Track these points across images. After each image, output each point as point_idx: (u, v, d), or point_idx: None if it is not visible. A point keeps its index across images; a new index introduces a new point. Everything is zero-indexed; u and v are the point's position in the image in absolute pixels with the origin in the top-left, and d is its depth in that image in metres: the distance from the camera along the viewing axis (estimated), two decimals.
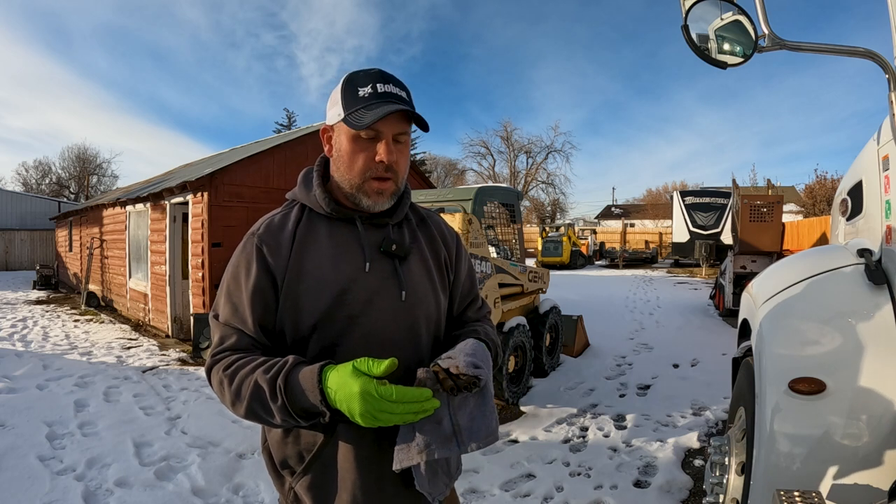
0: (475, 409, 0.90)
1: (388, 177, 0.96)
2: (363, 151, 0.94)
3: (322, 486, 0.96)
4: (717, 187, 21.14)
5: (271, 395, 0.84)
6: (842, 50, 1.38)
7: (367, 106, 0.92)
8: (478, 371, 0.89)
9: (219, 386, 0.91)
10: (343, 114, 0.94)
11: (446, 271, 1.11)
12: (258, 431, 3.45)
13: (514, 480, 2.85)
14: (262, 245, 0.95)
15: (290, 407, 0.83)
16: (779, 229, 8.15)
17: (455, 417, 0.88)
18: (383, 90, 0.92)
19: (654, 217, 34.67)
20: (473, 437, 0.89)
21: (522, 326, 4.38)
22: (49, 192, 33.80)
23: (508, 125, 41.49)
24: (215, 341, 0.95)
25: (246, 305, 0.93)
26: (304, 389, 0.82)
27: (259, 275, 0.93)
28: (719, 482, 1.80)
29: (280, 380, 0.84)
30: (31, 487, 2.71)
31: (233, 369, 0.89)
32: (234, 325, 0.94)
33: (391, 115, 0.92)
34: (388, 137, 0.94)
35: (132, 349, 6.18)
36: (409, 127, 0.98)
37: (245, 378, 0.87)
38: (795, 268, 1.67)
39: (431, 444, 0.87)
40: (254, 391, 0.85)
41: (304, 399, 0.82)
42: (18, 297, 11.29)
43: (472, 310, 1.17)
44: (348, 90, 0.94)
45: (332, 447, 0.95)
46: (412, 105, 0.96)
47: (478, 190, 4.77)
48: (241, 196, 6.62)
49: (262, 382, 0.85)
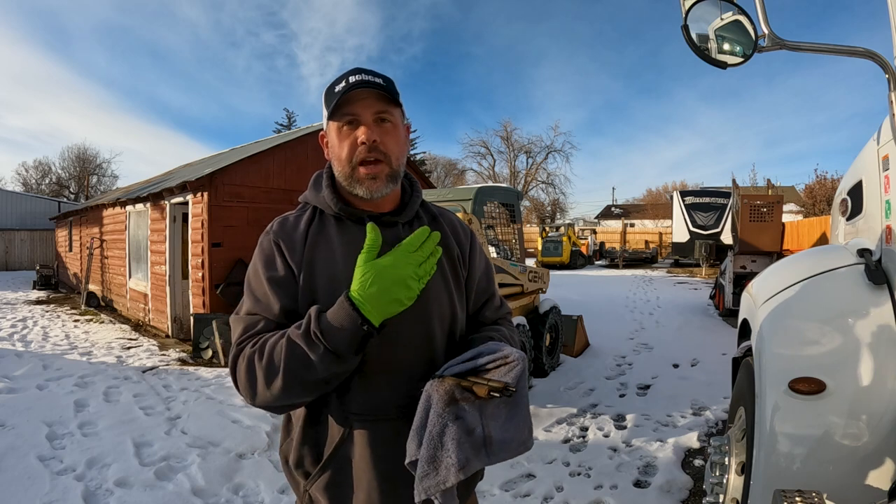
0: (507, 418, 0.85)
1: (374, 158, 0.96)
2: (346, 139, 0.96)
3: (338, 486, 0.96)
4: (717, 187, 21.13)
5: (309, 346, 0.83)
6: (842, 50, 1.38)
7: (340, 94, 0.94)
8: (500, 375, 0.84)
9: (248, 368, 0.88)
10: (327, 113, 0.98)
11: (460, 269, 1.10)
12: (258, 432, 3.47)
13: (514, 480, 2.85)
14: (279, 241, 0.98)
15: (333, 348, 0.82)
16: (779, 229, 8.16)
17: (486, 427, 0.83)
18: (355, 80, 0.94)
19: (654, 217, 34.67)
20: (504, 448, 0.84)
21: (522, 326, 4.38)
22: (49, 192, 33.80)
23: (508, 125, 41.48)
24: (238, 333, 0.94)
25: (270, 294, 0.94)
26: (339, 319, 0.83)
27: (281, 265, 0.96)
28: (719, 482, 1.80)
29: (314, 326, 0.83)
30: (31, 487, 2.71)
31: (261, 343, 0.88)
32: (258, 314, 0.94)
33: (367, 99, 0.95)
34: (367, 118, 0.96)
35: (132, 349, 6.18)
36: (392, 108, 0.98)
37: (277, 344, 0.86)
38: (795, 268, 1.67)
39: (470, 458, 0.80)
40: (289, 352, 0.85)
41: (343, 330, 0.82)
42: (18, 297, 11.30)
43: (489, 309, 1.15)
44: (328, 92, 0.99)
45: (348, 447, 0.95)
46: (389, 89, 0.97)
47: (478, 190, 4.78)
48: (240, 196, 6.62)
49: (297, 339, 0.84)
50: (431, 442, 0.80)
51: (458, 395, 0.84)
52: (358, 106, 0.95)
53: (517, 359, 0.88)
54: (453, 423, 0.81)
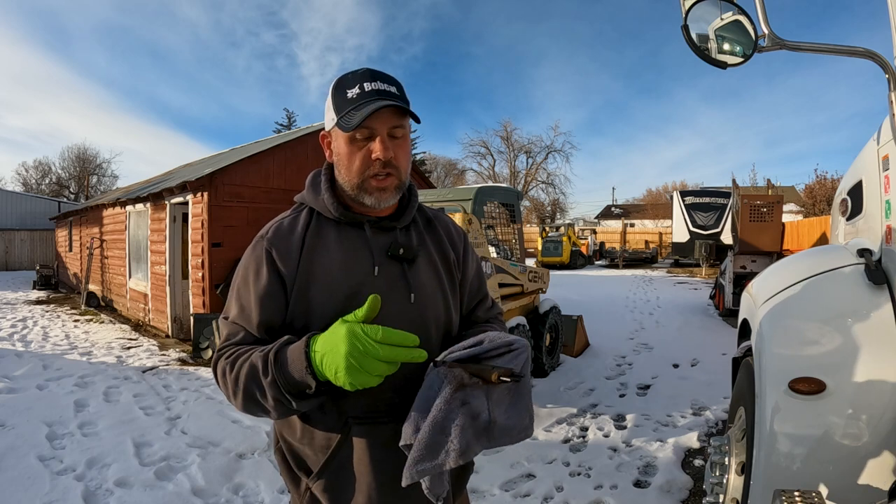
0: (510, 404, 0.86)
1: (387, 172, 0.96)
2: (359, 151, 0.95)
3: (338, 487, 0.96)
4: (717, 187, 21.13)
5: (263, 370, 0.83)
6: (842, 50, 1.38)
7: (356, 106, 0.92)
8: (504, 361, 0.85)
9: (222, 377, 0.90)
10: (336, 118, 0.95)
11: (455, 272, 1.11)
12: (258, 432, 3.47)
13: (514, 480, 2.85)
14: (272, 249, 0.96)
15: (280, 380, 0.81)
16: (779, 229, 8.16)
17: (492, 412, 0.84)
18: (370, 88, 0.92)
19: (654, 217, 34.67)
20: (506, 433, 0.85)
21: (522, 326, 4.38)
22: (49, 192, 33.79)
23: (508, 125, 41.47)
24: (222, 338, 0.96)
25: (253, 307, 0.94)
26: (291, 359, 0.81)
27: (268, 278, 0.94)
28: (719, 482, 1.80)
29: (271, 353, 0.83)
30: (31, 487, 2.71)
31: (233, 357, 0.90)
32: (240, 324, 0.95)
33: (383, 111, 0.92)
34: (383, 134, 0.94)
35: (132, 349, 6.18)
36: (405, 120, 0.97)
37: (244, 362, 0.87)
38: (795, 268, 1.67)
39: (471, 443, 0.80)
40: (249, 371, 0.85)
41: (292, 369, 0.81)
42: (18, 297, 11.29)
43: (481, 309, 1.16)
44: (338, 94, 0.95)
45: (348, 448, 0.95)
46: (403, 99, 0.96)
47: (478, 190, 4.78)
48: (240, 196, 6.62)
49: (256, 360, 0.85)
50: (434, 426, 0.81)
51: (466, 380, 0.84)
52: (374, 119, 0.92)
53: (522, 346, 0.89)
54: (459, 409, 0.82)
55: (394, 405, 0.95)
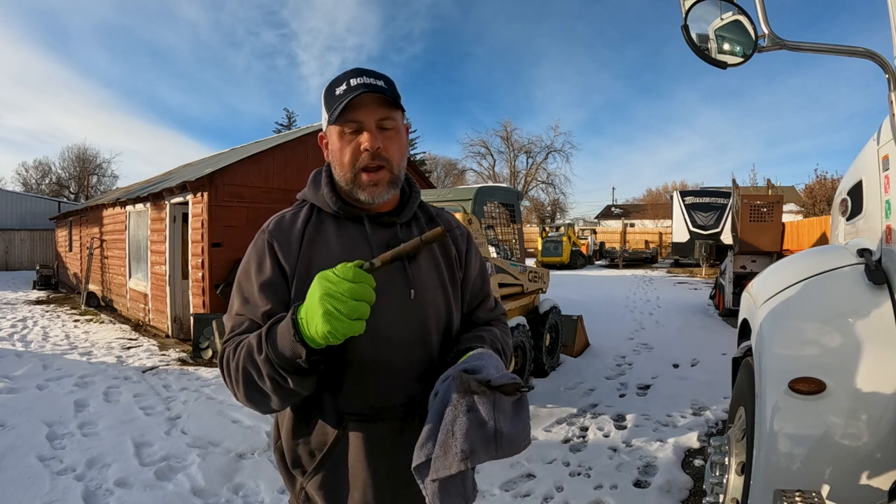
0: (514, 414, 0.86)
1: (377, 165, 0.96)
2: (349, 145, 0.96)
3: (334, 485, 0.96)
4: (717, 187, 21.12)
5: (257, 348, 0.82)
6: (842, 50, 1.38)
7: (342, 102, 0.93)
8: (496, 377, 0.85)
9: (226, 367, 0.90)
10: (327, 116, 0.96)
11: (457, 270, 1.10)
12: (258, 432, 3.47)
13: (514, 480, 2.85)
14: (273, 241, 0.97)
15: (272, 355, 0.80)
16: (779, 229, 8.16)
17: (498, 422, 0.84)
18: (357, 83, 0.93)
19: (654, 217, 34.67)
20: (512, 443, 0.84)
21: (522, 326, 4.38)
22: (49, 192, 33.79)
23: (508, 125, 41.47)
24: (227, 331, 0.96)
25: (257, 297, 0.94)
26: (281, 330, 0.80)
27: (271, 268, 0.95)
28: (719, 482, 1.80)
29: (264, 330, 0.83)
30: (31, 487, 2.71)
31: (236, 345, 0.89)
32: (245, 315, 0.95)
33: (370, 104, 0.93)
34: (370, 125, 0.94)
35: (132, 349, 6.18)
36: (394, 113, 0.97)
37: (243, 347, 0.87)
38: (795, 268, 1.67)
39: (476, 448, 0.80)
40: (246, 353, 0.85)
41: (282, 339, 0.80)
42: (18, 297, 11.29)
43: (483, 309, 1.15)
44: (328, 93, 0.97)
45: (344, 446, 0.95)
46: (391, 92, 0.96)
47: (478, 190, 4.78)
48: (240, 196, 6.62)
49: (252, 340, 0.84)
50: (444, 428, 0.82)
51: (474, 387, 0.84)
52: (361, 112, 0.93)
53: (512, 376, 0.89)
54: (465, 415, 0.83)
55: (390, 403, 0.95)
